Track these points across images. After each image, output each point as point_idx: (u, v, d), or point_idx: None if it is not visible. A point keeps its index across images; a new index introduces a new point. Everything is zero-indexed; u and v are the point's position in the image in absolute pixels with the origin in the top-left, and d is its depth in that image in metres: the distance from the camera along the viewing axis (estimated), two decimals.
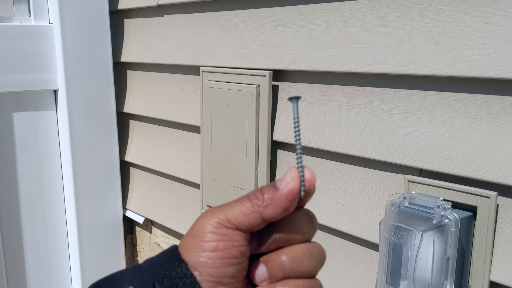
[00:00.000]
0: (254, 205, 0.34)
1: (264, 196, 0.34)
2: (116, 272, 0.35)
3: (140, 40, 1.18)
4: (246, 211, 0.34)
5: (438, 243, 0.60)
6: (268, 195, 0.34)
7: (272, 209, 0.34)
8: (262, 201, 0.34)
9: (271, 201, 0.34)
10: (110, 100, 1.21)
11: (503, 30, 0.59)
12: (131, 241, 1.40)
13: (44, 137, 1.18)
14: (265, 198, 0.34)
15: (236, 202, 0.35)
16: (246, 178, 0.91)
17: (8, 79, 1.08)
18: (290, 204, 0.34)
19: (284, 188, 0.34)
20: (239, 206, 0.34)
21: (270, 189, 0.34)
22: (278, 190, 0.34)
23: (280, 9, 0.85)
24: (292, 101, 0.35)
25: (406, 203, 0.65)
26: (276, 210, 0.34)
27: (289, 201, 0.34)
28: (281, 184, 0.34)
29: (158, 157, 1.20)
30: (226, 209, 0.35)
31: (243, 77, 0.90)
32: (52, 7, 1.12)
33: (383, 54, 0.71)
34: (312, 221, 0.37)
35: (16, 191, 1.15)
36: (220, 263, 0.34)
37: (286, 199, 0.34)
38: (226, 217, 0.34)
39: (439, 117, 0.67)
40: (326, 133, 0.81)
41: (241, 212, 0.34)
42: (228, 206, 0.35)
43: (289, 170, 0.35)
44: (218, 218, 0.34)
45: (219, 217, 0.34)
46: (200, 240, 0.34)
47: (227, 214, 0.34)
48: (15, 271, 1.17)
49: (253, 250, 0.36)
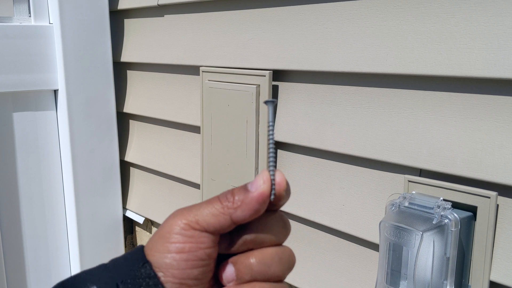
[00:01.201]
0: (224, 206, 0.34)
1: (235, 198, 0.34)
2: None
3: (140, 40, 1.18)
4: (215, 212, 0.34)
5: (438, 243, 0.60)
6: (238, 197, 0.34)
7: (242, 211, 0.34)
8: (232, 203, 0.34)
9: (241, 203, 0.34)
10: (110, 100, 1.21)
11: (503, 30, 0.59)
12: (131, 241, 1.40)
13: (44, 137, 1.18)
14: (235, 200, 0.34)
15: (206, 203, 0.35)
16: (246, 178, 0.91)
17: (8, 79, 1.08)
18: (260, 207, 0.34)
19: (254, 191, 0.34)
20: (209, 207, 0.34)
21: (241, 192, 0.34)
22: (248, 193, 0.34)
23: (280, 9, 0.85)
24: (268, 104, 0.36)
25: (406, 203, 0.65)
26: (246, 213, 0.34)
27: (259, 204, 0.34)
28: (252, 187, 0.34)
29: (158, 157, 1.20)
30: (196, 210, 0.35)
31: (243, 77, 0.90)
32: (52, 7, 1.12)
33: (383, 54, 0.71)
34: (285, 225, 0.37)
35: (16, 191, 1.15)
36: (185, 265, 0.33)
37: (256, 201, 0.34)
38: (195, 218, 0.34)
39: (439, 117, 0.67)
40: (326, 133, 0.81)
41: (210, 213, 0.34)
42: (197, 207, 0.35)
43: (261, 173, 0.35)
44: (186, 219, 0.34)
45: (188, 218, 0.34)
46: (167, 241, 0.34)
47: (196, 215, 0.34)
48: (15, 271, 1.17)
49: (222, 250, 0.36)
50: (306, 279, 0.88)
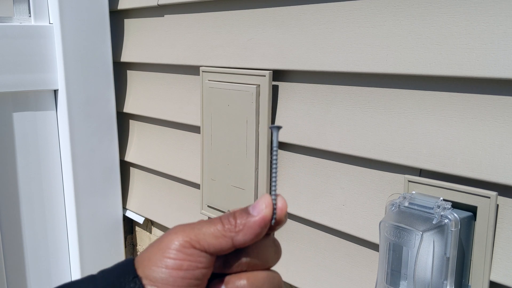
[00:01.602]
0: (226, 229, 0.34)
1: (237, 221, 0.34)
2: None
3: (140, 40, 1.18)
4: (217, 234, 0.34)
5: (438, 243, 0.60)
6: (240, 221, 0.34)
7: (243, 235, 0.34)
8: (234, 226, 0.34)
9: (243, 227, 0.34)
10: (110, 100, 1.21)
11: (503, 30, 0.59)
12: (131, 241, 1.40)
13: (44, 137, 1.18)
14: (238, 223, 0.34)
15: (208, 223, 0.35)
16: (246, 178, 0.91)
17: (8, 79, 1.08)
18: (261, 231, 0.34)
19: (257, 215, 0.34)
20: (211, 228, 0.34)
21: (243, 215, 0.35)
22: (251, 217, 0.34)
23: (280, 9, 0.85)
24: (273, 129, 0.36)
25: (406, 203, 0.65)
26: (248, 236, 0.34)
27: (261, 228, 0.34)
28: (254, 210, 0.35)
29: (158, 157, 1.20)
30: (198, 229, 0.34)
31: (243, 77, 0.90)
32: (52, 7, 1.12)
33: (383, 54, 0.71)
34: (277, 250, 0.37)
35: (16, 191, 1.15)
36: (180, 282, 0.33)
37: (259, 226, 0.34)
38: (196, 237, 0.34)
39: (439, 117, 0.67)
40: (326, 133, 0.81)
41: (212, 234, 0.34)
42: (199, 226, 0.35)
43: (263, 197, 0.35)
44: (188, 237, 0.34)
45: (190, 236, 0.34)
46: (165, 255, 0.34)
47: (198, 234, 0.34)
48: (15, 271, 1.17)
49: (215, 269, 0.36)
50: (306, 279, 0.88)
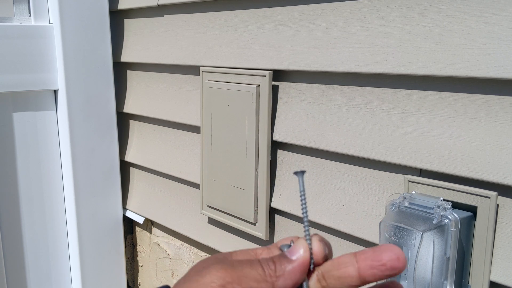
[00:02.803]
0: (267, 274, 0.33)
1: (277, 266, 0.33)
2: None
3: (140, 40, 1.18)
4: (258, 278, 0.33)
5: (438, 243, 0.60)
6: (280, 266, 0.33)
7: (284, 280, 0.33)
8: (274, 271, 0.33)
9: (283, 272, 0.33)
10: (110, 100, 1.21)
11: (503, 30, 0.59)
12: (131, 241, 1.40)
13: (44, 137, 1.18)
14: (278, 268, 0.33)
15: (249, 264, 0.33)
16: (246, 178, 0.91)
17: (8, 79, 1.08)
18: (301, 276, 0.33)
19: (296, 260, 0.33)
20: (253, 271, 0.33)
21: (283, 260, 0.33)
22: (290, 262, 0.33)
23: (280, 9, 0.85)
24: (298, 175, 0.35)
25: (406, 203, 0.65)
26: (288, 282, 0.33)
27: (301, 273, 0.33)
28: (292, 255, 0.33)
29: (158, 157, 1.20)
30: (240, 270, 0.33)
31: (243, 77, 0.90)
32: (52, 7, 1.12)
33: (383, 54, 0.71)
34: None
35: (16, 191, 1.15)
36: None
37: (298, 271, 0.33)
38: (239, 278, 0.32)
39: (439, 117, 0.67)
40: (326, 133, 0.80)
41: (254, 277, 0.33)
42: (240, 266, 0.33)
43: (299, 241, 0.34)
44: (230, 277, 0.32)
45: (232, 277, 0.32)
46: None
47: (240, 276, 0.32)
48: (15, 271, 1.17)
49: None
50: None
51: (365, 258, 0.33)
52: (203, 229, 1.09)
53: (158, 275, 1.31)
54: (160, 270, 1.30)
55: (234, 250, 0.38)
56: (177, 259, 1.23)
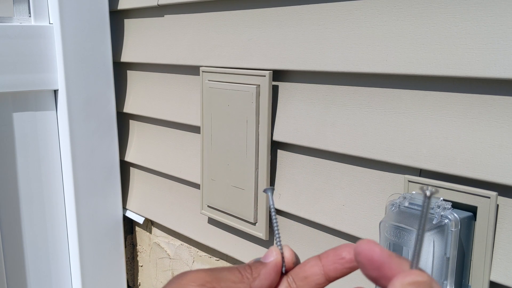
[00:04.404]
0: (244, 276, 0.35)
1: (253, 269, 0.36)
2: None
3: (140, 40, 1.18)
4: (236, 279, 0.35)
5: (438, 243, 0.60)
6: (255, 270, 0.36)
7: (259, 280, 0.35)
8: (250, 273, 0.36)
9: (258, 274, 0.36)
10: (110, 100, 1.21)
11: (503, 30, 0.59)
12: (131, 241, 1.40)
13: (44, 137, 1.18)
14: (254, 271, 0.36)
15: (226, 269, 0.36)
16: (246, 178, 0.91)
17: (8, 79, 1.08)
18: (275, 276, 0.36)
19: (269, 262, 0.36)
20: (230, 274, 0.35)
21: (257, 264, 0.36)
22: (265, 264, 0.36)
23: (280, 9, 0.85)
24: (267, 191, 0.38)
25: (406, 203, 0.65)
26: (264, 282, 0.35)
27: (275, 273, 0.36)
28: (266, 259, 0.36)
29: (158, 157, 1.20)
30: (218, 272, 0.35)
31: (243, 77, 0.90)
32: (52, 7, 1.12)
33: (383, 54, 0.71)
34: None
35: (16, 191, 1.15)
36: None
37: (273, 271, 0.36)
38: (217, 278, 0.34)
39: (439, 117, 0.67)
40: (326, 133, 0.80)
41: (231, 279, 0.35)
42: (218, 270, 0.35)
43: (271, 248, 0.37)
44: (210, 277, 0.34)
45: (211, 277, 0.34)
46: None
47: (218, 278, 0.35)
48: (15, 271, 1.17)
49: None
50: None
51: (327, 256, 0.36)
52: (203, 229, 1.09)
53: (158, 275, 1.31)
54: (160, 270, 1.30)
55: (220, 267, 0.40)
56: (177, 259, 1.23)
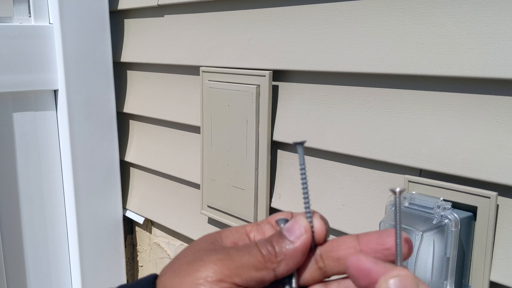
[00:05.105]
0: (267, 260, 0.30)
1: (276, 249, 0.30)
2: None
3: (140, 40, 1.18)
4: (258, 265, 0.30)
5: (438, 243, 0.60)
6: (279, 249, 0.30)
7: (286, 265, 0.30)
8: (274, 255, 0.30)
9: (284, 256, 0.30)
10: (110, 100, 1.21)
11: (503, 30, 0.59)
12: (131, 241, 1.40)
13: (44, 137, 1.18)
14: (278, 252, 0.30)
15: (246, 251, 0.30)
16: (246, 178, 0.91)
17: (8, 79, 1.08)
18: (303, 258, 0.31)
19: (297, 242, 0.30)
20: (251, 258, 0.30)
21: (282, 241, 0.31)
22: (291, 243, 0.30)
23: (280, 9, 0.85)
24: (297, 146, 0.33)
25: (406, 203, 0.65)
26: (290, 266, 0.30)
27: (303, 255, 0.31)
28: (291, 235, 0.31)
29: (158, 157, 1.20)
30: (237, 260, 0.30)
31: (243, 77, 0.90)
32: (52, 7, 1.12)
33: (383, 54, 0.71)
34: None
35: (16, 191, 1.15)
36: None
37: (301, 253, 0.30)
38: (237, 270, 0.29)
39: (439, 117, 0.67)
40: (326, 133, 0.80)
41: (253, 266, 0.30)
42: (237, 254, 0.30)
43: (298, 219, 0.31)
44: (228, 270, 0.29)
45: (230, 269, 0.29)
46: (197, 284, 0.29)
47: (238, 267, 0.29)
48: (15, 271, 1.17)
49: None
50: None
51: (368, 241, 0.31)
52: (203, 229, 1.09)
53: None
54: (160, 270, 1.30)
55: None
56: None
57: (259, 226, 0.34)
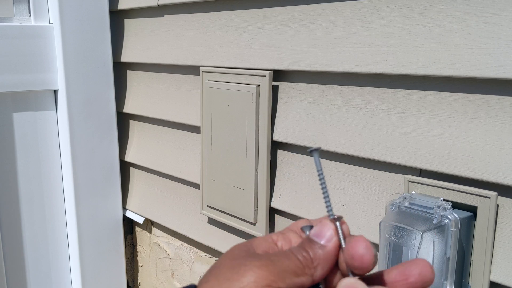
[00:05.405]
0: (305, 266, 0.31)
1: (311, 255, 0.31)
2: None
3: (140, 40, 1.18)
4: (298, 271, 0.31)
5: (438, 243, 0.60)
6: (314, 254, 0.31)
7: (322, 269, 0.31)
8: (311, 261, 0.31)
9: (319, 260, 0.31)
10: (110, 100, 1.21)
11: (503, 30, 0.59)
12: (131, 241, 1.40)
13: (44, 137, 1.18)
14: (313, 258, 0.31)
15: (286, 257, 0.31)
16: (246, 178, 0.91)
17: (8, 79, 1.08)
18: (335, 260, 0.32)
19: (328, 245, 0.32)
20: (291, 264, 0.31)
21: (313, 246, 0.32)
22: (322, 248, 0.32)
23: (280, 9, 0.85)
24: (313, 153, 0.34)
25: (406, 203, 0.65)
26: (325, 270, 0.32)
27: (335, 256, 0.32)
28: (322, 239, 0.32)
29: (158, 157, 1.20)
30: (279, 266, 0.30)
31: (243, 77, 0.90)
32: (52, 7, 1.12)
33: (383, 54, 0.71)
34: None
35: (16, 191, 1.15)
36: None
37: (334, 256, 0.32)
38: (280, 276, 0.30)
39: (439, 117, 0.67)
40: (326, 133, 0.80)
41: (293, 272, 0.31)
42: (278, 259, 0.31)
43: (325, 223, 0.32)
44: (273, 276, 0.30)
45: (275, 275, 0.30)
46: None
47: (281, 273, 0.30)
48: (15, 271, 1.17)
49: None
50: None
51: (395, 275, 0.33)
52: (203, 229, 1.09)
53: (158, 275, 1.31)
54: (160, 270, 1.30)
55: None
56: (177, 259, 1.23)
57: (284, 235, 0.35)
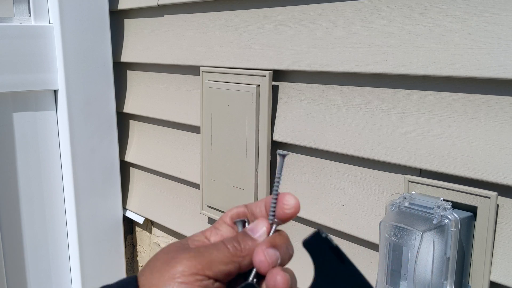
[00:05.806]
0: (234, 255, 0.35)
1: (241, 246, 0.36)
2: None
3: (140, 40, 1.18)
4: (226, 260, 0.35)
5: (438, 243, 0.60)
6: (244, 246, 0.36)
7: (249, 259, 0.35)
8: (240, 251, 0.35)
9: (248, 252, 0.35)
10: (110, 100, 1.21)
11: (503, 30, 0.59)
12: (131, 241, 1.40)
13: (44, 137, 1.18)
14: (243, 248, 0.35)
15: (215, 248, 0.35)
16: (246, 178, 0.91)
17: (8, 79, 1.08)
18: None
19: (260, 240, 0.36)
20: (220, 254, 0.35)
21: (245, 239, 0.36)
22: (253, 241, 0.36)
23: (280, 9, 0.85)
24: (279, 156, 0.37)
25: (406, 203, 0.65)
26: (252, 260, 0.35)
27: None
28: (255, 234, 0.36)
29: (158, 157, 1.20)
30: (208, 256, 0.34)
31: (243, 77, 0.90)
32: (52, 7, 1.12)
33: (383, 54, 0.71)
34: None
35: (16, 191, 1.15)
36: None
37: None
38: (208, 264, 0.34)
39: (439, 117, 0.67)
40: (326, 133, 0.80)
41: (222, 260, 0.35)
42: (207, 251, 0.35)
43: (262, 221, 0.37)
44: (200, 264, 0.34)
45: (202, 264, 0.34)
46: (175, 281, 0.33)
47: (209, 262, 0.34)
48: (15, 271, 1.17)
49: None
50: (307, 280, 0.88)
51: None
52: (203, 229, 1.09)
53: None
54: None
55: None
56: None
57: (217, 229, 0.40)
